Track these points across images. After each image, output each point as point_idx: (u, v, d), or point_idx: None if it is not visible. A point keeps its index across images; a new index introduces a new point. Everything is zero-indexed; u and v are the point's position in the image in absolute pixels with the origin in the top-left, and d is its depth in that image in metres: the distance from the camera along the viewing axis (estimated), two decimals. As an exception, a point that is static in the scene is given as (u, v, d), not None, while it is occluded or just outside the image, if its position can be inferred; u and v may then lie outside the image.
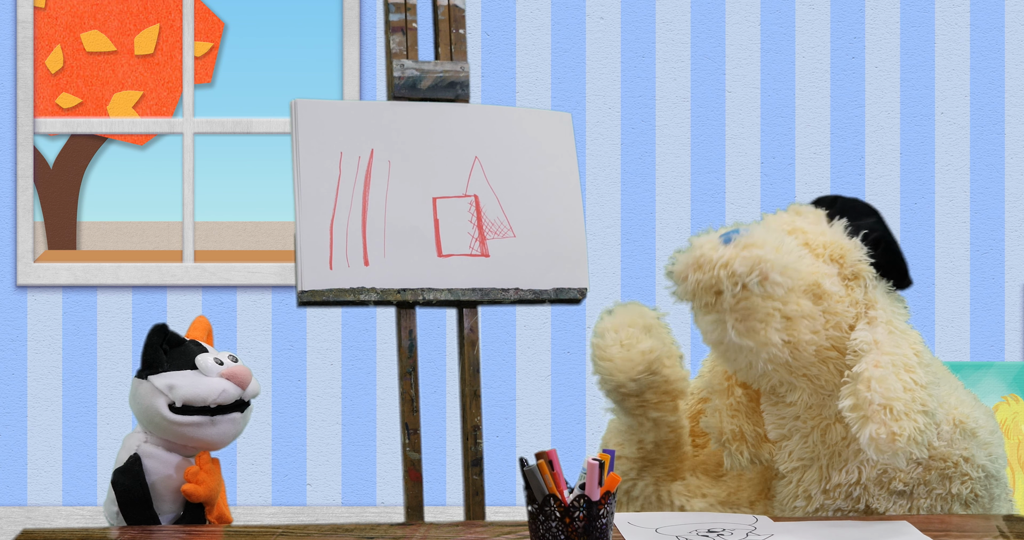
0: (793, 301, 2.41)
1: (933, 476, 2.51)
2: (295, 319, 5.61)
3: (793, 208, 2.58)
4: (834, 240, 2.49)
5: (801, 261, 2.43)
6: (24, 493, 5.59)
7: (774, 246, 2.39)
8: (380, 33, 5.60)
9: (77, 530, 2.40)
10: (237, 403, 2.49)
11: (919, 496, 2.52)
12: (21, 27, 5.61)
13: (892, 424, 2.33)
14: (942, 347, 5.59)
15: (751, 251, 2.39)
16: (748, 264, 2.38)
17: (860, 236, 2.49)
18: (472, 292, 3.16)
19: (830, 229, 2.51)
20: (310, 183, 3.08)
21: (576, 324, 5.61)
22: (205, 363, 2.49)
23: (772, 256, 2.38)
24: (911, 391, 2.36)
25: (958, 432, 2.52)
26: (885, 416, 2.34)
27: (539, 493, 2.13)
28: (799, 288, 2.42)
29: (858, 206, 2.56)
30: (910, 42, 5.62)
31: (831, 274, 2.47)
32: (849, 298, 2.46)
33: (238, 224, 45.15)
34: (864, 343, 2.41)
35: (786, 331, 2.42)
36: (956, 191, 5.61)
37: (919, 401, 2.36)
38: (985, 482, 2.54)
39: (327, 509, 5.60)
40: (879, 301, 2.47)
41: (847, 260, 2.47)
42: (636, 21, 5.62)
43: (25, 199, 5.60)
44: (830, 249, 2.48)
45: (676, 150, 5.62)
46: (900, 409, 2.34)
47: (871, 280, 2.49)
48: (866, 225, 2.52)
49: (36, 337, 5.59)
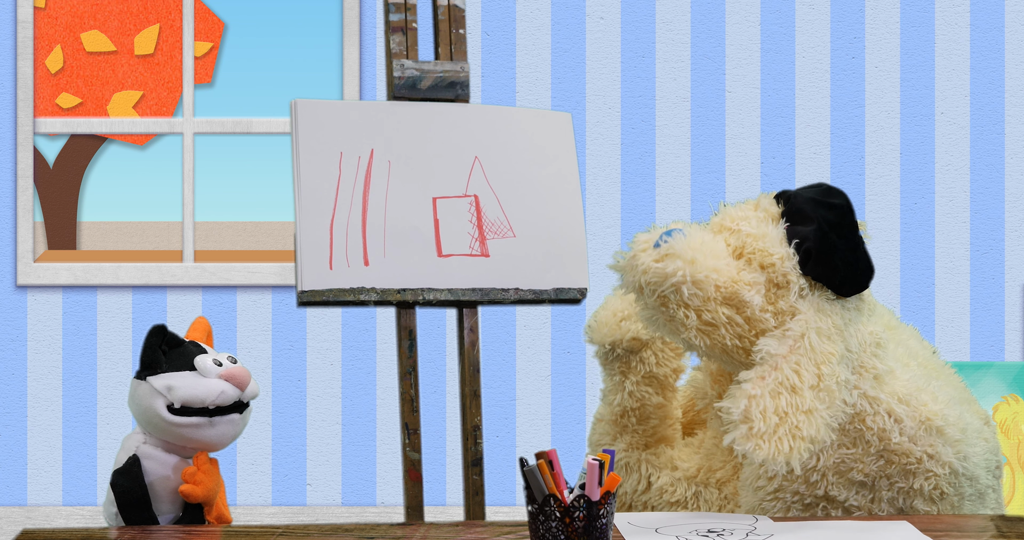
0: (712, 309, 2.45)
1: (894, 470, 2.52)
2: (295, 319, 5.61)
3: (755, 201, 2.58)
4: (764, 247, 2.49)
5: (721, 270, 2.45)
6: (24, 493, 5.59)
7: (691, 257, 2.44)
8: (380, 33, 5.61)
9: (77, 530, 2.40)
10: (236, 404, 2.49)
11: (880, 488, 2.53)
12: (21, 27, 5.61)
13: (750, 440, 2.37)
14: (942, 347, 5.60)
15: (667, 263, 2.45)
16: (661, 276, 2.45)
17: (793, 245, 2.48)
18: (472, 292, 3.16)
19: (770, 231, 2.50)
20: (310, 183, 3.08)
21: (576, 324, 5.61)
22: (204, 364, 2.49)
23: (686, 269, 2.43)
24: (782, 415, 2.38)
25: (923, 429, 2.52)
26: (745, 432, 2.38)
27: (539, 493, 2.13)
28: (717, 297, 2.45)
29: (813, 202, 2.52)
30: (910, 42, 5.62)
31: (757, 282, 2.47)
32: (774, 307, 2.47)
33: (238, 224, 45.16)
34: (764, 353, 2.43)
35: (707, 336, 2.47)
36: (956, 191, 5.61)
37: (789, 426, 2.38)
38: (951, 479, 2.54)
39: (327, 509, 5.60)
40: (803, 312, 2.46)
41: (776, 269, 2.47)
42: (636, 21, 5.62)
43: (25, 199, 5.60)
44: (760, 256, 2.48)
45: (676, 150, 5.62)
46: (760, 430, 2.37)
47: (799, 291, 2.48)
48: (803, 234, 2.49)
49: (36, 337, 5.59)
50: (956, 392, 2.68)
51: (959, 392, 2.70)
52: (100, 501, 5.59)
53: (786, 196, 2.54)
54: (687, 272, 2.43)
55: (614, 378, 2.77)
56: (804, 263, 2.47)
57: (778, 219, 2.52)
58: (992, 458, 2.65)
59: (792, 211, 2.52)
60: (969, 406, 2.69)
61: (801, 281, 2.48)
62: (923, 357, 2.70)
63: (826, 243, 2.47)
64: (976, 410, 2.70)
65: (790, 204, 2.52)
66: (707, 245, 2.47)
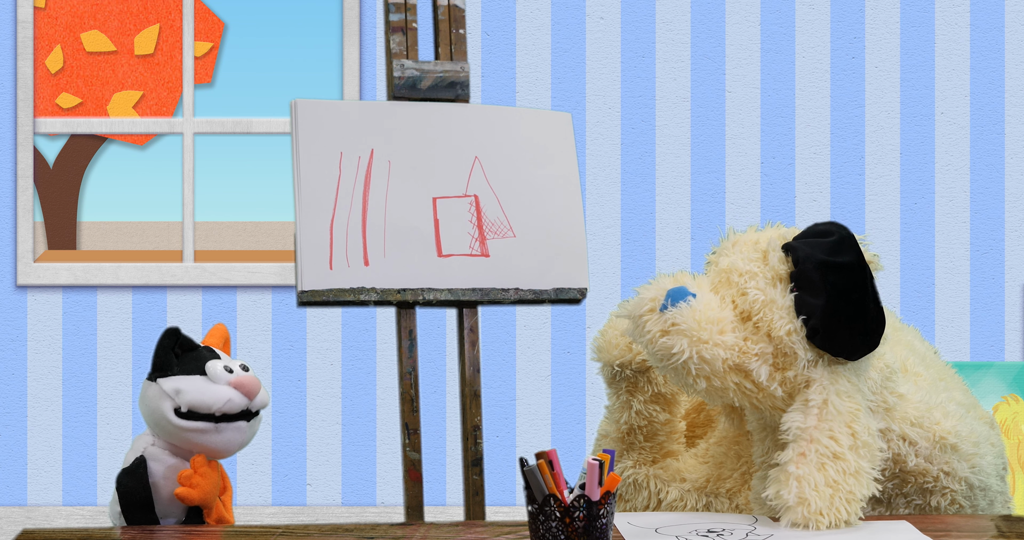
0: (720, 377, 2.44)
1: (911, 489, 2.53)
2: (295, 319, 5.61)
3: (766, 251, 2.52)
4: (772, 319, 2.46)
5: (728, 346, 2.44)
6: (24, 493, 5.59)
7: (697, 336, 2.42)
8: (380, 33, 5.60)
9: (77, 530, 2.40)
10: (244, 412, 2.49)
11: (897, 506, 2.54)
12: (21, 27, 5.61)
13: (809, 518, 2.37)
14: (942, 347, 5.60)
15: (673, 339, 2.43)
16: (667, 352, 2.44)
17: (800, 320, 2.44)
18: (472, 292, 3.16)
19: (777, 300, 2.46)
20: (310, 183, 3.08)
21: (576, 324, 5.61)
22: (214, 370, 2.49)
23: (693, 349, 2.42)
24: (834, 485, 2.38)
25: (938, 448, 2.52)
26: (804, 512, 2.37)
27: (539, 493, 2.13)
28: (721, 371, 2.44)
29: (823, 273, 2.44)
30: (910, 42, 5.62)
31: (765, 352, 2.45)
32: (781, 375, 2.45)
33: (238, 224, 45.12)
34: (794, 428, 2.42)
35: (719, 398, 2.47)
36: (956, 191, 5.61)
37: (844, 492, 2.39)
38: (967, 494, 2.55)
39: (327, 509, 5.60)
40: (817, 381, 2.45)
41: (783, 342, 2.45)
42: (636, 21, 5.62)
43: (25, 199, 5.60)
44: (767, 326, 2.45)
45: (676, 150, 5.62)
46: (819, 506, 2.37)
47: (806, 366, 2.46)
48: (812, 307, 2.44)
49: (36, 337, 5.59)
50: (963, 396, 2.68)
51: (965, 396, 2.70)
52: (100, 501, 5.59)
53: (795, 255, 2.47)
54: (694, 352, 2.42)
55: (621, 397, 2.75)
56: (811, 337, 2.44)
57: (787, 281, 2.48)
58: (1000, 462, 2.65)
59: (800, 275, 2.46)
60: (975, 411, 2.69)
61: (809, 355, 2.45)
62: (929, 360, 2.70)
63: (834, 319, 2.42)
64: (980, 414, 2.70)
65: (799, 268, 2.46)
66: (713, 317, 2.45)
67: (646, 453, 2.77)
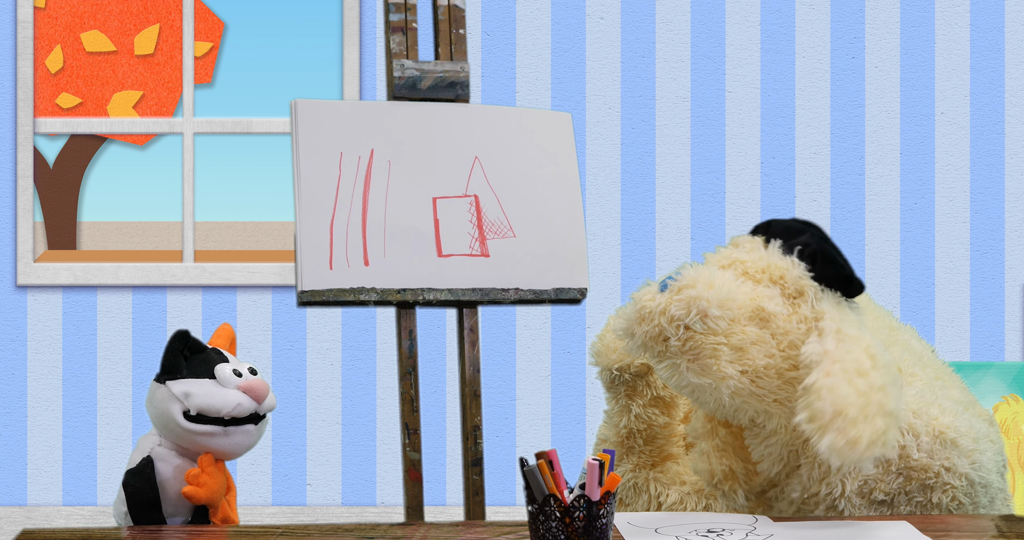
0: (738, 331, 2.45)
1: (914, 486, 2.53)
2: (295, 319, 5.61)
3: (732, 241, 2.61)
4: (771, 263, 2.50)
5: (739, 290, 2.46)
6: (24, 493, 5.59)
7: (706, 283, 2.44)
8: (380, 33, 5.61)
9: (77, 530, 2.40)
10: (252, 416, 2.50)
11: (899, 504, 2.54)
12: (21, 27, 5.61)
13: (849, 430, 2.35)
14: (942, 347, 5.60)
15: (685, 292, 2.45)
16: (685, 306, 2.44)
17: (795, 253, 2.49)
18: (472, 292, 3.16)
19: (767, 253, 2.52)
20: (310, 183, 3.08)
21: (576, 324, 5.61)
22: (224, 374, 2.50)
23: (707, 293, 2.44)
24: (864, 395, 2.37)
25: (938, 443, 2.53)
26: (841, 423, 2.35)
27: (539, 493, 2.13)
28: (742, 317, 2.45)
29: (792, 226, 2.57)
30: (910, 42, 5.62)
31: (773, 296, 2.48)
32: (796, 315, 2.48)
33: (238, 224, 45.14)
34: (814, 354, 2.43)
35: (739, 362, 2.46)
36: (956, 191, 5.61)
37: (875, 404, 2.37)
38: (968, 490, 2.55)
39: (327, 509, 5.60)
40: (827, 312, 2.48)
41: (787, 278, 2.49)
42: (636, 21, 5.62)
43: (25, 199, 5.60)
44: (769, 272, 2.50)
45: (676, 150, 5.62)
46: (854, 415, 2.36)
47: (815, 293, 2.49)
48: (799, 242, 2.52)
49: (36, 337, 5.59)
50: (961, 394, 2.69)
51: (963, 394, 2.70)
52: (100, 501, 5.59)
53: (762, 227, 2.57)
54: (710, 296, 2.43)
55: (620, 401, 2.76)
56: (812, 266, 2.49)
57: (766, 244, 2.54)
58: (1000, 459, 2.66)
59: (776, 234, 2.54)
60: (974, 408, 2.69)
61: (814, 284, 2.49)
62: (927, 359, 2.71)
63: (825, 244, 2.50)
64: (979, 411, 2.70)
65: (771, 230, 2.55)
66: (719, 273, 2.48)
67: (645, 457, 2.77)
